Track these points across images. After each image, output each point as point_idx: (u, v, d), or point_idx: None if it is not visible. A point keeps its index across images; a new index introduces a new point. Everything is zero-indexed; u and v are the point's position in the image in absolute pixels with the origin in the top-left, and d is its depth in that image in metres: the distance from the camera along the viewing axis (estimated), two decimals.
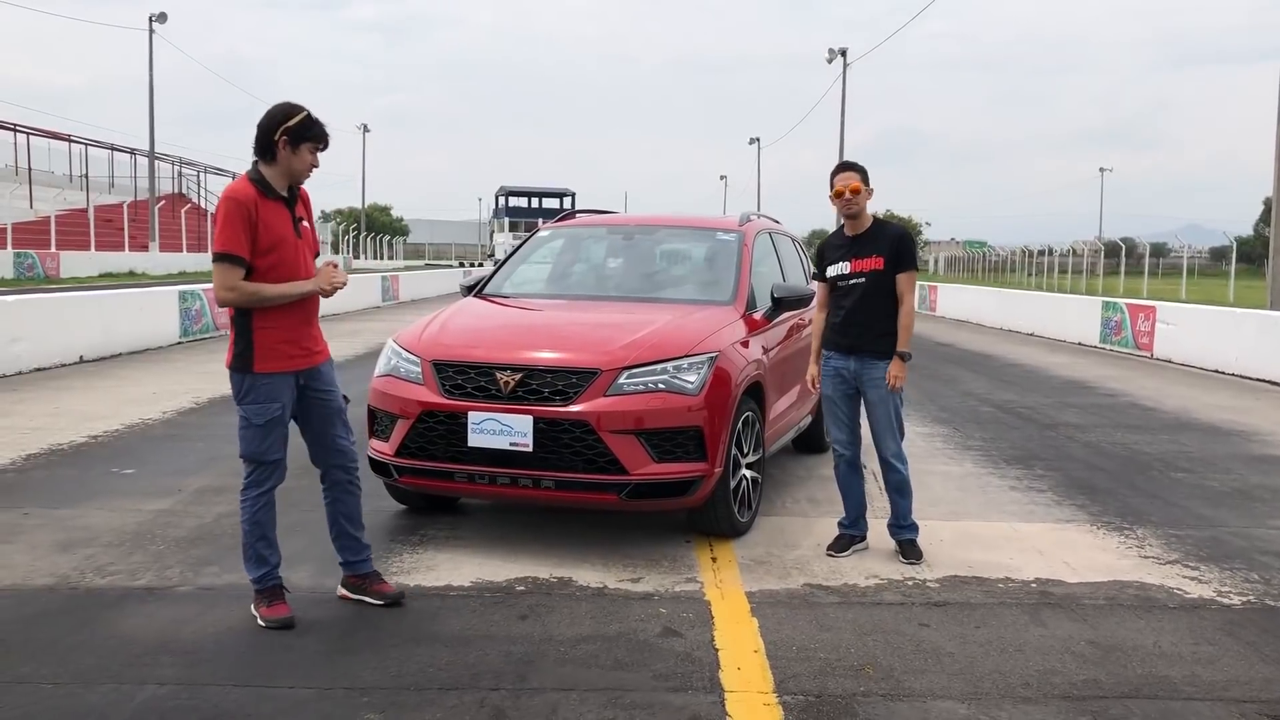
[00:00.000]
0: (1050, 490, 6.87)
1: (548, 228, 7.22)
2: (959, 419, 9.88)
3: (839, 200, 5.14)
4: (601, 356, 5.12)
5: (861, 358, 5.12)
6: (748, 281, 6.21)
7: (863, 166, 5.22)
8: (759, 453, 5.73)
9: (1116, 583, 4.93)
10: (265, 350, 4.04)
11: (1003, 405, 10.94)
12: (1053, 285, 48.97)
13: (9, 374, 11.50)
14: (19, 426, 8.43)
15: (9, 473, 6.81)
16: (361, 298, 27.04)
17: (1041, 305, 23.48)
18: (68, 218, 42.79)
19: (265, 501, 4.15)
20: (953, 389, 12.23)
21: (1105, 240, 59.73)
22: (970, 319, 25.96)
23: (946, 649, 4.04)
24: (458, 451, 5.12)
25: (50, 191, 44.70)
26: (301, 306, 4.10)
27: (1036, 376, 13.87)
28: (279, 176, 4.06)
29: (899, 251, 5.10)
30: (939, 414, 10.17)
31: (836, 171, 5.22)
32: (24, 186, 43.67)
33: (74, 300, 14.01)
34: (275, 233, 3.99)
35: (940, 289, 30.24)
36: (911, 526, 5.24)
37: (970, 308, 26.77)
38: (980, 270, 70.51)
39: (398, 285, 30.64)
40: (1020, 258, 61.20)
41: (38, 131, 48.98)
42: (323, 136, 4.06)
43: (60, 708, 3.36)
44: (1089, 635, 4.22)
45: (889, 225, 5.28)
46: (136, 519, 5.72)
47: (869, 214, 5.23)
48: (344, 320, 21.66)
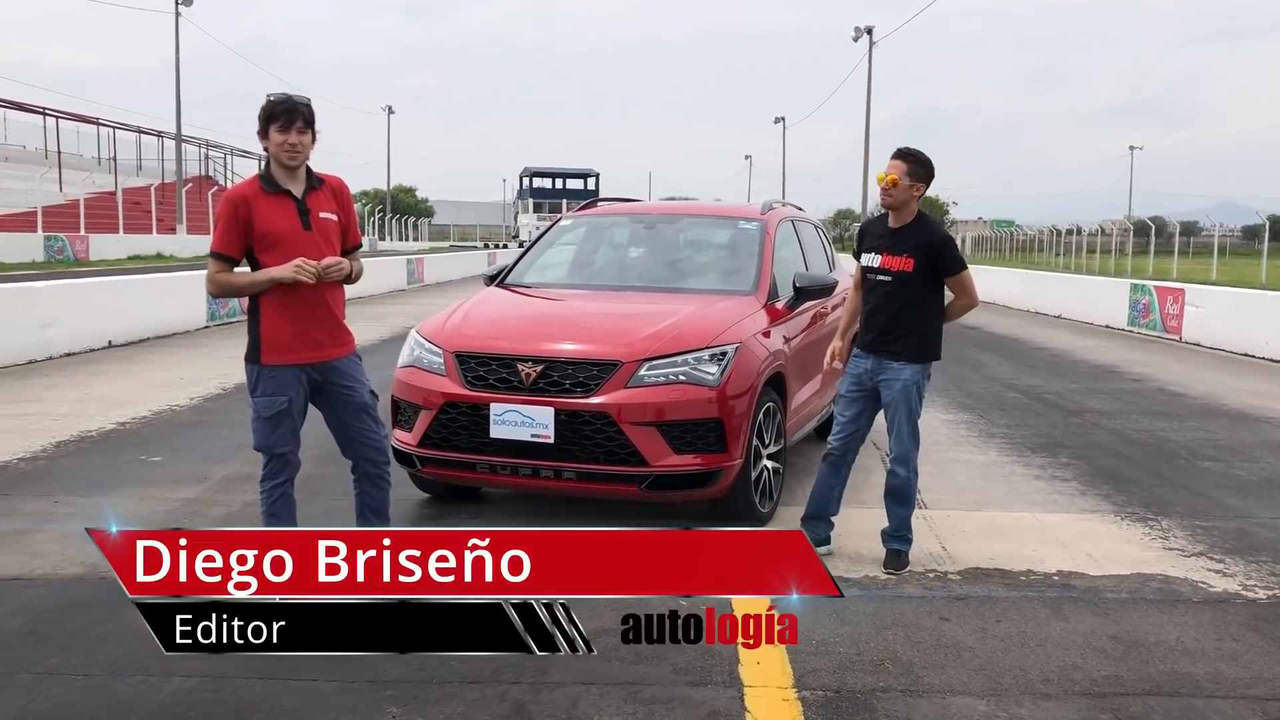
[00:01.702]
0: (1075, 479, 6.84)
1: (569, 216, 7.23)
2: (984, 405, 9.83)
3: (882, 189, 4.86)
4: (622, 348, 5.13)
5: (879, 358, 4.94)
6: (769, 271, 6.19)
7: (920, 158, 4.84)
8: (780, 443, 5.73)
9: (1140, 576, 4.91)
10: (271, 343, 4.09)
11: (1029, 391, 10.87)
12: (1081, 265, 48.50)
13: (40, 359, 11.64)
14: (50, 413, 8.53)
15: (40, 460, 6.90)
16: (386, 281, 27.16)
17: (1069, 287, 23.31)
18: (96, 200, 43.14)
19: (281, 494, 4.19)
20: (978, 374, 12.17)
21: (1135, 219, 58.94)
22: (998, 301, 25.75)
23: (967, 644, 4.04)
24: (480, 442, 5.16)
25: (79, 175, 45.05)
26: (308, 300, 4.10)
27: (1063, 361, 13.78)
28: (275, 168, 4.10)
29: (937, 258, 4.84)
30: (964, 400, 10.12)
31: (892, 156, 4.89)
32: (54, 170, 44.04)
33: (103, 285, 14.15)
34: (275, 227, 4.03)
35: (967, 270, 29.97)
36: (903, 539, 5.00)
37: (998, 290, 26.55)
38: (1008, 250, 69.89)
39: (422, 268, 30.75)
40: (1048, 237, 60.61)
41: (66, 115, 49.40)
42: (280, 114, 4.04)
43: (90, 700, 3.42)
44: (1111, 630, 4.20)
45: (932, 225, 4.97)
46: (164, 508, 5.79)
47: (915, 209, 4.91)
48: (369, 304, 21.77)
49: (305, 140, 4.09)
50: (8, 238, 34.16)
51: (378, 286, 25.46)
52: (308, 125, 4.10)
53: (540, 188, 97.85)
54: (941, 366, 12.22)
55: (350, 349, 4.32)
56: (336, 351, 4.22)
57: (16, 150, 47.26)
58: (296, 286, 4.07)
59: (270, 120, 4.06)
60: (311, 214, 4.12)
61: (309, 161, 4.18)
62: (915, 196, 4.88)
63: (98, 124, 52.39)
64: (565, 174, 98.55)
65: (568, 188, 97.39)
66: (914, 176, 4.84)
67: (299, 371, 4.12)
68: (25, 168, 43.46)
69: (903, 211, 4.90)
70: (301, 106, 4.11)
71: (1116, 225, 54.40)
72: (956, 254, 4.94)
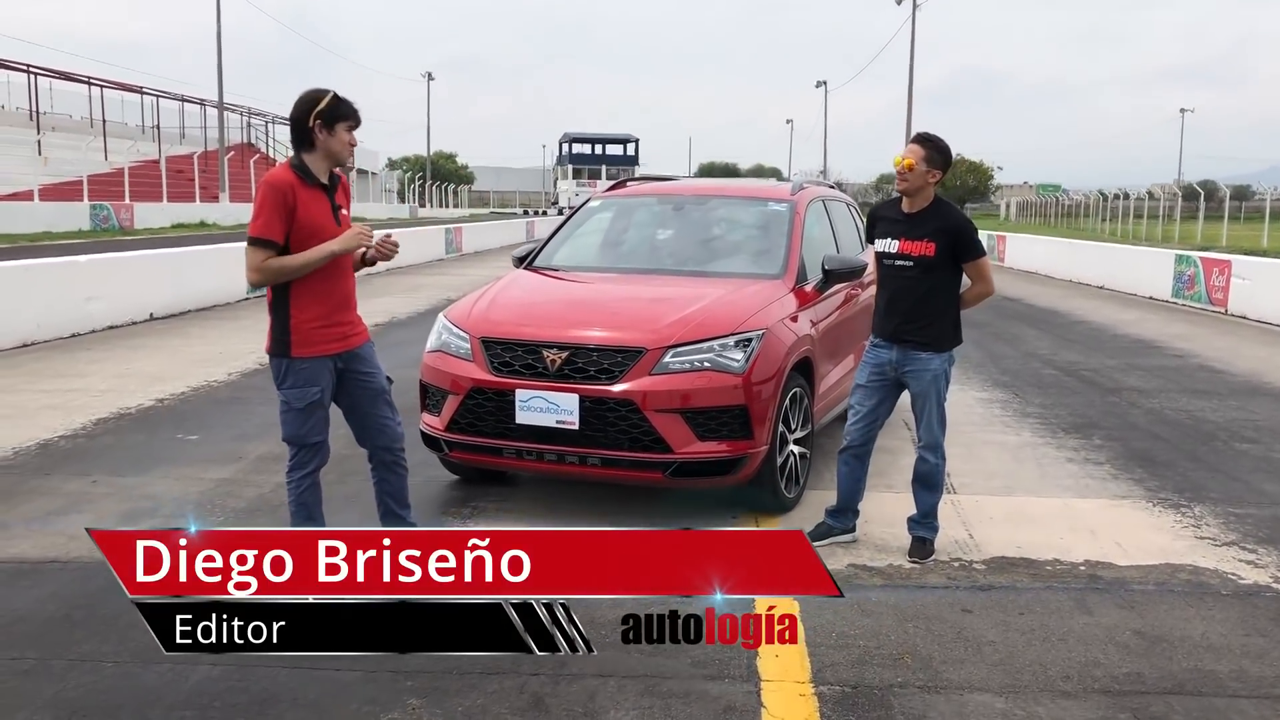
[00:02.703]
0: (1108, 462, 6.76)
1: (599, 197, 7.22)
2: (1020, 383, 9.73)
3: (897, 173, 4.84)
4: (647, 335, 5.13)
5: (904, 348, 4.86)
6: (798, 253, 6.15)
7: (939, 144, 4.80)
8: (807, 428, 5.71)
9: (1169, 566, 4.86)
10: (302, 335, 4.11)
11: (1066, 367, 10.75)
12: (1126, 232, 47.71)
13: (83, 332, 11.84)
14: (91, 389, 8.69)
15: (80, 438, 7.04)
16: (425, 250, 27.27)
17: (1112, 257, 22.92)
18: (140, 169, 43.63)
19: (310, 483, 4.25)
20: (1015, 349, 12.05)
21: (1184, 183, 57.77)
22: (1040, 270, 25.45)
23: (988, 637, 4.03)
24: (505, 428, 5.19)
25: (124, 143, 45.53)
26: (338, 289, 4.16)
27: (1103, 335, 13.60)
28: (319, 162, 4.11)
29: (958, 243, 4.77)
30: (1000, 377, 10.03)
31: (910, 141, 4.90)
32: (99, 139, 44.54)
33: (145, 258, 14.33)
34: (315, 220, 4.05)
35: (1009, 240, 29.63)
36: (930, 526, 4.97)
37: (1040, 259, 26.23)
38: (1053, 215, 68.84)
39: (461, 238, 30.83)
40: (1095, 202, 59.56)
41: (111, 84, 49.93)
42: (354, 114, 4.10)
43: (118, 688, 3.51)
44: (1135, 624, 4.17)
45: (950, 210, 4.90)
46: (199, 488, 5.89)
47: (932, 193, 4.86)
48: (406, 274, 21.90)
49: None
50: (55, 207, 34.71)
51: (416, 256, 25.58)
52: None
53: (579, 154, 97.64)
54: (979, 341, 12.32)
55: (367, 336, 4.37)
56: (358, 340, 4.28)
57: (63, 119, 47.83)
58: (329, 278, 4.13)
59: (343, 119, 4.09)
60: (339, 210, 4.16)
61: None
62: (931, 183, 4.82)
63: (141, 92, 52.92)
64: (605, 139, 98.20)
65: (607, 153, 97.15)
66: (931, 163, 4.78)
67: (328, 361, 4.17)
68: (72, 137, 44.05)
69: (918, 196, 4.84)
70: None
71: (1165, 190, 53.32)
72: (977, 239, 4.88)
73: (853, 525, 5.15)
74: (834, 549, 4.98)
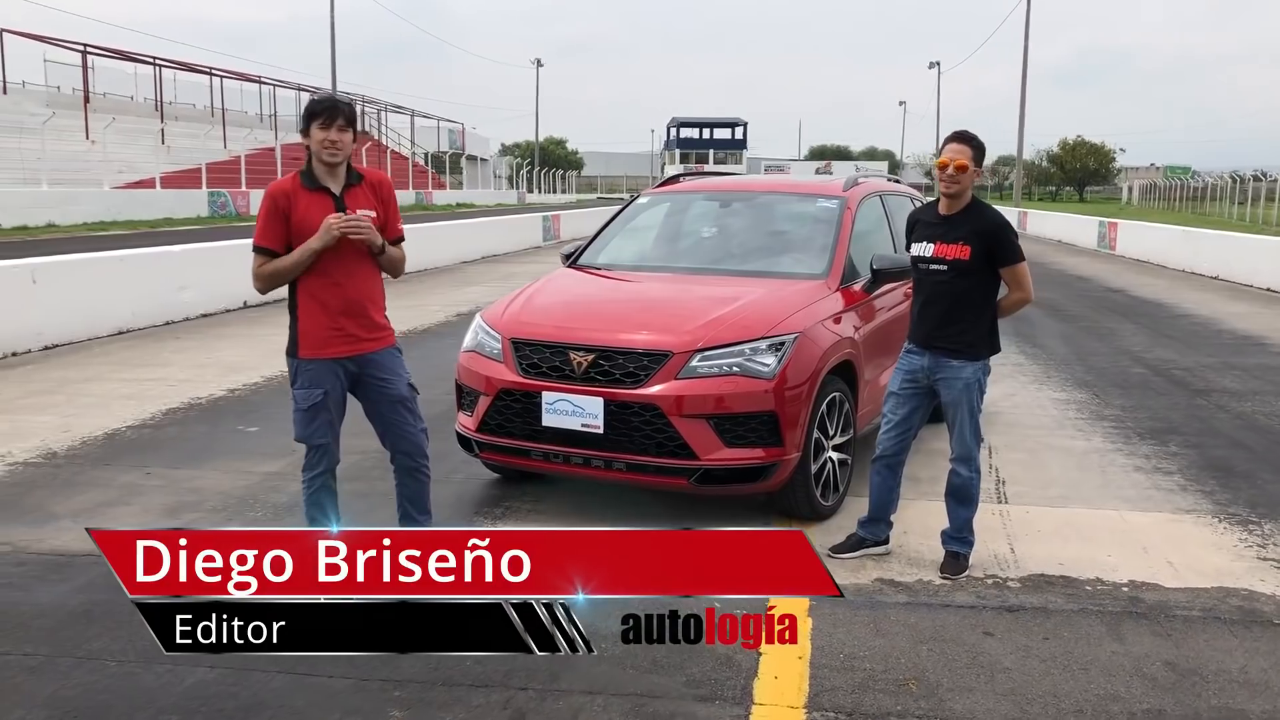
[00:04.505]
0: (1179, 472, 6.41)
1: (648, 194, 7.14)
2: (1103, 382, 9.32)
3: (941, 174, 4.63)
4: (674, 338, 5.04)
5: (936, 355, 4.68)
6: (845, 253, 5.96)
7: (979, 142, 4.64)
8: (848, 434, 5.54)
9: (1221, 590, 4.57)
10: (307, 337, 4.19)
11: (1157, 366, 10.26)
12: (1257, 216, 45.45)
13: (176, 320, 12.26)
14: (170, 378, 8.98)
15: (146, 429, 7.26)
16: (523, 238, 27.54)
17: (1227, 245, 21.78)
18: (257, 156, 45.02)
19: (321, 484, 4.29)
20: (1106, 345, 11.56)
21: None
22: (1152, 259, 24.39)
23: (1003, 664, 3.84)
24: (533, 430, 5.17)
25: (241, 131, 47.06)
26: (344, 294, 4.17)
27: (1205, 330, 12.95)
28: (316, 164, 4.17)
29: (994, 245, 4.57)
30: (1083, 376, 9.62)
31: (948, 140, 4.71)
32: (218, 128, 46.13)
33: (235, 248, 14.71)
34: (310, 222, 4.09)
35: (1121, 226, 28.43)
36: (964, 541, 4.78)
37: (1154, 247, 25.11)
38: (1179, 199, 66.04)
39: (559, 224, 31.01)
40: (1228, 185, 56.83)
41: (230, 74, 51.69)
42: (322, 110, 4.10)
43: (115, 688, 3.58)
44: (1169, 654, 3.93)
45: (987, 211, 4.71)
46: (245, 482, 6.01)
47: (970, 194, 4.69)
48: (502, 263, 22.16)
49: (346, 138, 4.15)
50: (176, 194, 36.07)
51: (514, 244, 25.86)
52: (348, 124, 4.17)
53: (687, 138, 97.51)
54: (1069, 336, 11.90)
55: (388, 342, 4.36)
56: (372, 345, 4.28)
57: (186, 109, 49.72)
58: (333, 282, 4.15)
59: (311, 118, 4.14)
60: (349, 211, 4.17)
61: (350, 159, 4.25)
62: (974, 181, 4.65)
63: (259, 82, 54.57)
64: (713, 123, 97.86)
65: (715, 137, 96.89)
66: (977, 161, 4.63)
67: (336, 365, 4.20)
68: (193, 126, 45.77)
69: (958, 198, 4.65)
70: (343, 105, 4.21)
71: None
72: (1015, 243, 4.65)
73: (885, 537, 4.98)
74: (864, 562, 4.84)
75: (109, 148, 36.94)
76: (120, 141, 38.62)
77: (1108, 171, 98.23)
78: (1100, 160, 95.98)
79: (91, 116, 39.64)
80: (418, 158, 65.67)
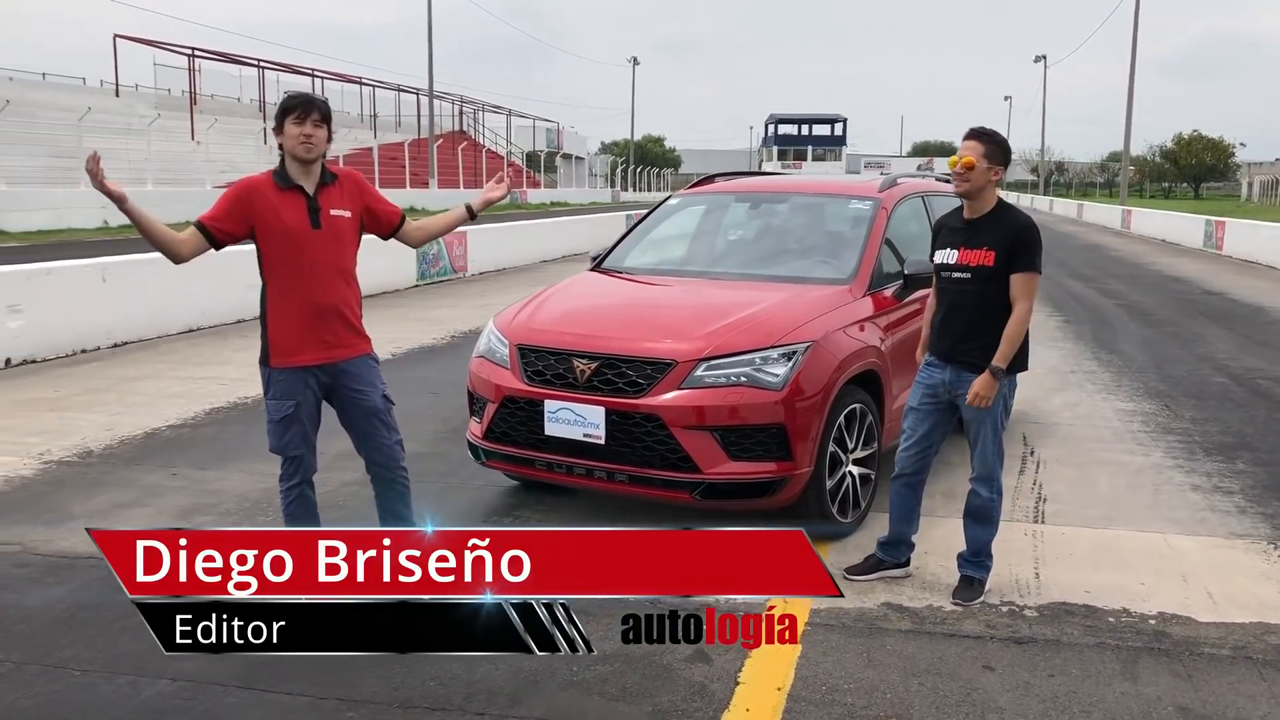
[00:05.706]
0: (1240, 492, 5.98)
1: (679, 195, 6.96)
2: (1177, 392, 8.81)
3: (952, 173, 4.43)
4: (679, 346, 4.86)
5: (958, 369, 4.39)
6: (874, 256, 5.69)
7: (999, 139, 4.36)
8: (871, 447, 5.29)
9: (1260, 626, 4.21)
10: (278, 345, 4.12)
11: (1240, 375, 9.66)
12: None
13: (247, 318, 12.43)
14: (225, 377, 9.09)
15: (186, 428, 7.35)
16: (607, 235, 27.44)
17: None
18: (356, 156, 45.92)
19: (298, 495, 4.23)
20: (1189, 352, 10.95)
21: None
22: (1262, 260, 23.21)
23: (997, 702, 3.57)
24: (536, 439, 5.04)
25: (342, 131, 48.02)
26: (310, 300, 4.09)
27: None
28: (290, 163, 4.10)
29: (1014, 248, 4.27)
30: (1157, 385, 9.11)
31: (963, 138, 4.48)
32: None
33: None
34: (280, 222, 4.03)
35: (1229, 225, 27.12)
36: (980, 565, 4.50)
37: (1264, 247, 23.90)
38: None
39: None
40: None
41: (332, 75, 52.92)
42: (295, 106, 4.04)
43: (72, 699, 3.55)
44: (1184, 698, 3.61)
45: (1012, 213, 4.41)
46: (264, 485, 6.00)
47: (994, 196, 4.40)
48: (582, 261, 22.06)
49: (320, 134, 4.09)
50: None
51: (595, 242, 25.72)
52: (323, 119, 4.10)
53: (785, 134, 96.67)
54: (1151, 342, 11.34)
55: (363, 350, 4.28)
56: (345, 353, 4.20)
57: None
58: (299, 287, 4.09)
59: (286, 113, 4.09)
60: (322, 211, 4.10)
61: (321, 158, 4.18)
62: (993, 181, 4.34)
63: (360, 83, 55.78)
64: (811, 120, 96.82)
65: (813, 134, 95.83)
66: (992, 159, 4.31)
67: (306, 375, 4.13)
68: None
69: (979, 200, 4.37)
70: (317, 101, 4.16)
71: None
72: (1035, 250, 4.32)
73: (905, 559, 4.72)
74: (872, 584, 4.59)
75: (212, 148, 38.06)
76: (224, 142, 39.77)
77: (1226, 167, 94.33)
78: (1218, 155, 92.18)
79: (197, 118, 40.96)
80: (514, 156, 66.38)
